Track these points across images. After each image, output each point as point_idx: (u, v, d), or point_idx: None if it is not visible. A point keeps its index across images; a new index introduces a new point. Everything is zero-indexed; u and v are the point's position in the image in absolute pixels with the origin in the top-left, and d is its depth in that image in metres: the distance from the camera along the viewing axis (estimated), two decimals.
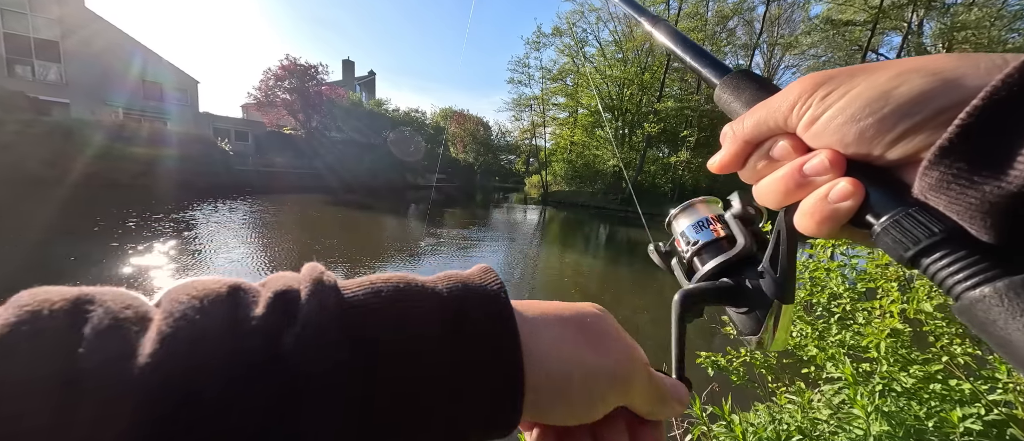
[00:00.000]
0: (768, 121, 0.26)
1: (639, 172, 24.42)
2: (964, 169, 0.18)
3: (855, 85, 0.22)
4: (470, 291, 0.23)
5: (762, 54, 29.48)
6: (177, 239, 8.74)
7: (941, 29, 20.01)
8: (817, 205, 0.23)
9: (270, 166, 23.64)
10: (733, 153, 0.28)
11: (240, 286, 0.20)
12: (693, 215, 0.36)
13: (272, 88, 26.20)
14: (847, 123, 0.22)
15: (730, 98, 0.32)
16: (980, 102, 0.17)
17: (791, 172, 0.24)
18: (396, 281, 0.22)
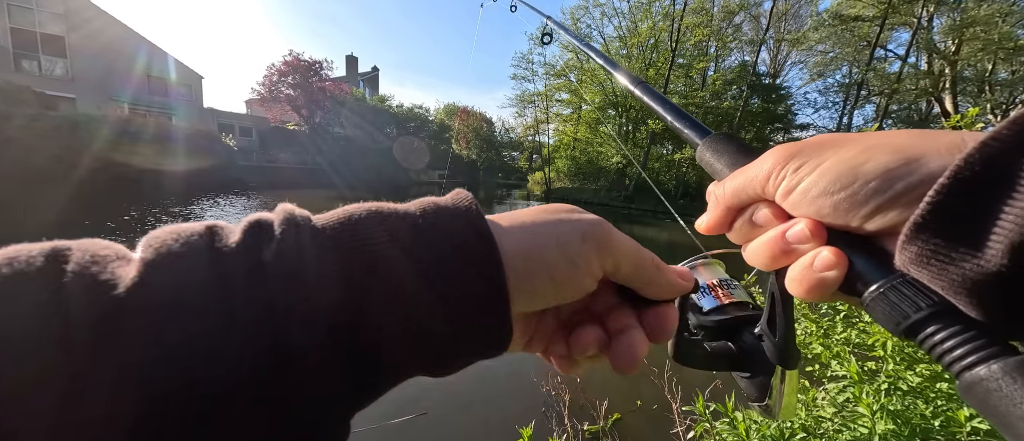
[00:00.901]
0: (747, 189, 0.27)
1: (643, 168, 24.31)
2: (941, 245, 0.18)
3: (824, 159, 0.23)
4: (441, 206, 0.24)
5: (768, 50, 29.19)
6: None
7: (951, 25, 19.71)
8: (804, 273, 0.23)
9: (274, 162, 23.73)
10: (718, 217, 0.29)
11: (217, 223, 0.21)
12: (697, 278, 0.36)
13: (276, 84, 26.24)
14: (821, 196, 0.23)
15: (712, 159, 0.33)
16: (946, 181, 0.18)
17: (775, 238, 0.25)
18: (368, 206, 0.23)
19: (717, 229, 0.30)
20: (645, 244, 0.28)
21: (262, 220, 0.21)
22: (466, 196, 0.25)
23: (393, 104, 33.41)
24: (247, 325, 0.17)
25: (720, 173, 0.32)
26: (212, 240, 0.19)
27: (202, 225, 0.20)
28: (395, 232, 0.21)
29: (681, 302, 0.36)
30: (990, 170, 0.17)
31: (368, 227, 0.21)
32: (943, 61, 20.81)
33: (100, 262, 0.17)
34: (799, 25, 27.40)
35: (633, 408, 3.16)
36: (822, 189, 0.23)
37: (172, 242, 0.18)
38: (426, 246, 0.21)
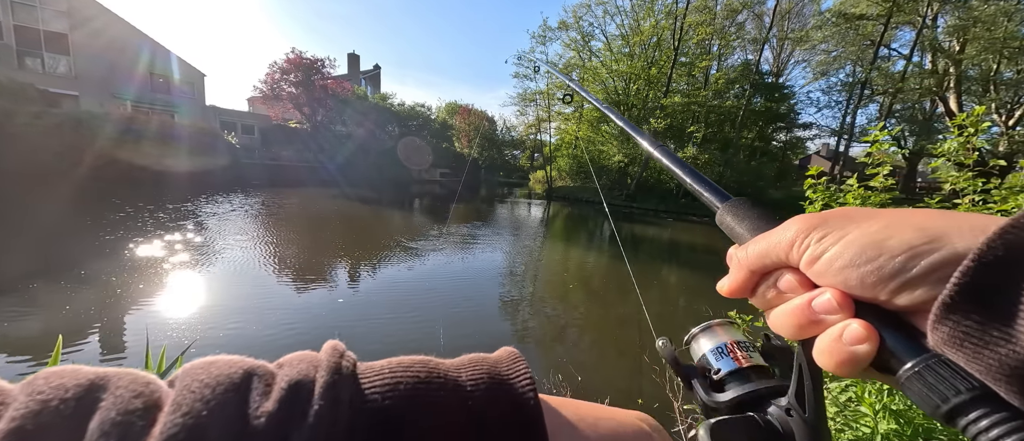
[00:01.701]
0: (771, 254, 0.27)
1: (644, 168, 24.26)
2: (973, 328, 0.18)
3: (848, 231, 0.23)
4: (496, 389, 0.23)
5: (771, 49, 29.11)
6: (185, 231, 8.84)
7: (955, 23, 19.59)
8: (833, 345, 0.23)
9: (276, 160, 23.79)
10: (741, 281, 0.29)
11: (255, 372, 0.20)
12: (713, 339, 0.35)
13: (278, 82, 26.29)
14: (848, 267, 0.23)
15: (733, 223, 0.33)
16: (971, 263, 0.18)
17: (801, 307, 0.25)
18: (417, 370, 0.22)
19: (739, 292, 0.29)
20: (647, 243, 0.29)
21: (302, 383, 0.20)
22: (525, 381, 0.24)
23: (395, 102, 33.42)
24: None
25: (741, 237, 0.32)
26: (245, 406, 0.19)
27: (240, 372, 0.20)
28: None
29: (687, 373, 0.35)
30: (1013, 255, 0.17)
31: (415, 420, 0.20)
32: (947, 60, 20.70)
33: (125, 421, 0.17)
34: (802, 24, 27.29)
35: (635, 406, 3.17)
36: (848, 260, 0.23)
37: (201, 407, 0.18)
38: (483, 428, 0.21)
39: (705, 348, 0.35)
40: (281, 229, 10.10)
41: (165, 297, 5.08)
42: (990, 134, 19.08)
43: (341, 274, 6.79)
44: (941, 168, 2.12)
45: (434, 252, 8.76)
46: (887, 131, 2.05)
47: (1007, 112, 20.06)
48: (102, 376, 0.19)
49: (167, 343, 1.83)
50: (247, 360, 0.21)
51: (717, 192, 0.38)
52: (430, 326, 4.84)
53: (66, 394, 0.17)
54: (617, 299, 6.88)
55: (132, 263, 6.29)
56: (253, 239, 8.66)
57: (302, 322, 4.67)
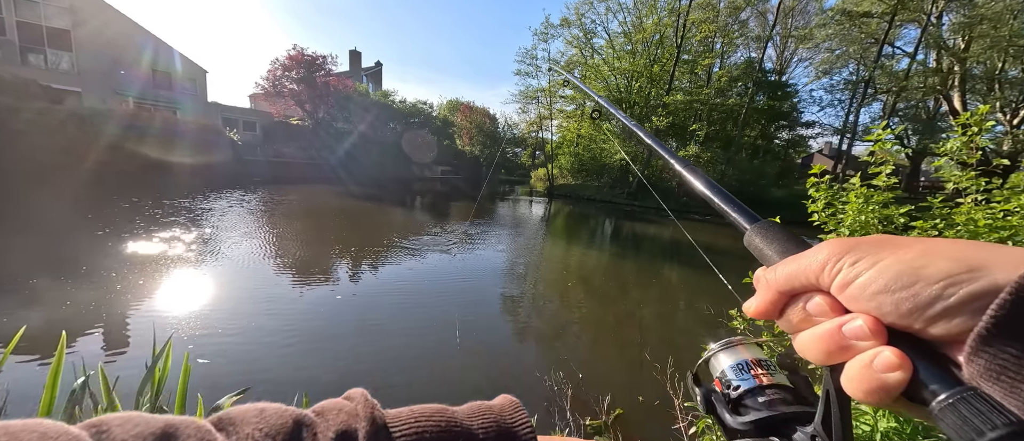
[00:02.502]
0: (800, 276, 0.26)
1: (646, 166, 24.21)
2: (1010, 361, 0.18)
3: (882, 257, 0.23)
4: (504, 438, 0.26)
5: (775, 46, 28.94)
6: (189, 226, 8.87)
7: (960, 21, 19.44)
8: (863, 373, 0.22)
9: (278, 156, 23.82)
10: (769, 301, 0.28)
11: (303, 422, 0.23)
12: (733, 355, 0.35)
13: (280, 78, 26.30)
14: (882, 293, 0.22)
15: (761, 245, 0.33)
16: (1008, 296, 0.18)
17: (831, 332, 0.24)
18: (438, 420, 0.25)
19: (766, 313, 0.29)
20: (648, 242, 0.29)
21: (347, 434, 0.23)
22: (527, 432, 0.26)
23: (396, 99, 33.39)
24: None
25: (769, 259, 0.32)
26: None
27: (290, 421, 0.22)
28: None
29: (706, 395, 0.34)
30: None
31: None
32: (952, 58, 20.55)
33: None
34: (806, 21, 27.12)
35: (635, 404, 3.18)
36: (882, 286, 0.22)
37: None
38: None
39: (725, 364, 0.34)
40: (286, 226, 10.13)
41: (170, 293, 5.11)
42: (994, 133, 18.94)
43: (347, 270, 6.82)
44: (944, 167, 2.11)
45: (443, 249, 8.78)
46: (890, 130, 2.05)
47: (1012, 111, 19.92)
48: (172, 424, 0.20)
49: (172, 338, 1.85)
50: (292, 409, 0.23)
51: (746, 213, 0.38)
52: (446, 324, 4.86)
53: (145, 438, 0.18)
54: (618, 296, 6.88)
55: (135, 259, 6.33)
56: (259, 234, 8.69)
57: (317, 318, 4.69)
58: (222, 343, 3.90)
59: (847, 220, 2.00)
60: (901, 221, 1.91)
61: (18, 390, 2.92)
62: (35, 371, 3.18)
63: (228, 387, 1.62)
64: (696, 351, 2.46)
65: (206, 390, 1.61)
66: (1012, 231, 1.57)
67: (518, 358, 4.31)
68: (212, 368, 3.42)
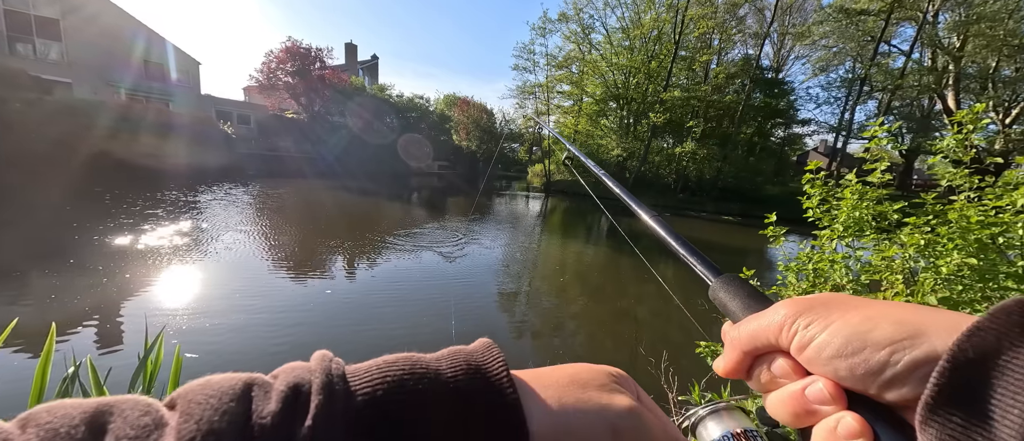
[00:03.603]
0: (761, 336, 0.27)
1: (643, 162, 24.23)
2: (958, 429, 0.18)
3: (832, 319, 0.24)
4: (474, 374, 0.25)
5: (772, 44, 28.95)
6: (182, 220, 8.79)
7: (957, 20, 19.52)
8: (828, 438, 0.22)
9: (273, 150, 23.62)
10: (735, 361, 0.29)
11: (254, 382, 0.22)
12: (719, 423, 0.35)
13: (274, 71, 26.00)
14: (836, 357, 0.23)
15: (725, 299, 0.34)
16: (946, 364, 0.19)
17: (795, 395, 0.24)
18: (402, 364, 0.24)
19: (735, 373, 0.29)
20: (645, 237, 0.28)
21: (300, 385, 0.22)
22: (499, 365, 0.25)
23: (393, 93, 33.12)
24: None
25: (734, 314, 0.32)
26: (249, 406, 0.20)
27: (240, 383, 0.21)
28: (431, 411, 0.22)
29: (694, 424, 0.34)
30: (982, 356, 0.18)
31: (404, 409, 0.22)
32: (947, 57, 20.66)
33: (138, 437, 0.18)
34: (804, 18, 27.13)
35: None
36: (836, 350, 0.23)
37: (210, 414, 0.19)
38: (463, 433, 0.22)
39: (714, 434, 0.34)
40: (280, 220, 10.07)
41: (163, 286, 5.07)
42: (987, 132, 19.12)
43: (341, 265, 6.79)
44: (938, 165, 2.12)
45: (439, 245, 8.77)
46: (886, 127, 2.06)
47: (1004, 110, 20.09)
48: (105, 403, 0.19)
49: (164, 330, 1.83)
50: (242, 374, 0.22)
51: (709, 266, 0.38)
52: (441, 318, 4.86)
53: (74, 421, 0.18)
54: (614, 292, 6.92)
55: (126, 252, 6.27)
56: (252, 227, 8.63)
57: (310, 312, 4.67)
58: (214, 337, 3.88)
59: (841, 216, 2.01)
60: (895, 217, 1.93)
61: (7, 382, 2.89)
62: (25, 363, 3.15)
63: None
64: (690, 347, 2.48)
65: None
66: (1003, 227, 1.58)
67: (515, 353, 4.32)
68: (203, 362, 3.40)
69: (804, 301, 0.25)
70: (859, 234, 1.96)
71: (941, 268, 1.58)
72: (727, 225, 17.07)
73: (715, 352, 2.23)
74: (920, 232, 1.77)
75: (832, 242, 2.04)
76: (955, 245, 1.62)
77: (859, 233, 1.95)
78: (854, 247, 2.00)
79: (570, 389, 0.27)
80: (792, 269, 2.24)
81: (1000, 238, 1.61)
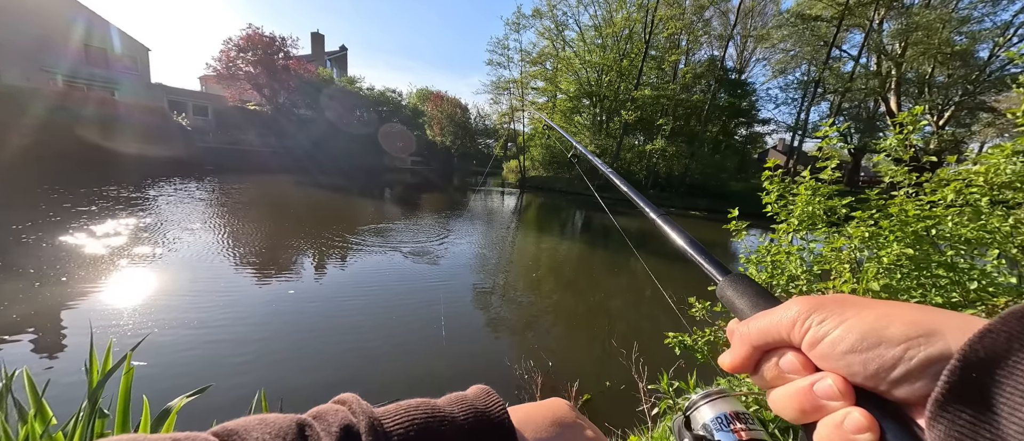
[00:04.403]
0: (773, 331, 0.27)
1: (615, 159, 24.75)
2: (966, 427, 0.18)
3: (846, 317, 0.24)
4: (481, 417, 0.30)
5: (735, 46, 30.17)
6: (132, 219, 8.18)
7: (899, 28, 21.09)
8: (834, 432, 0.23)
9: (234, 143, 22.38)
10: (744, 356, 0.29)
11: (305, 423, 0.25)
12: (713, 407, 0.36)
13: (234, 60, 24.55)
14: (850, 352, 0.23)
15: (733, 297, 0.34)
16: (957, 363, 0.19)
17: (803, 390, 0.25)
18: (423, 410, 0.29)
19: (741, 368, 0.30)
20: (616, 233, 0.33)
21: (350, 428, 0.26)
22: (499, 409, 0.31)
23: (364, 86, 32.09)
24: None
25: (741, 312, 0.33)
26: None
27: (294, 423, 0.25)
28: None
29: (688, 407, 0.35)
30: (993, 356, 0.19)
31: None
32: (890, 62, 22.33)
33: None
34: (764, 22, 28.45)
35: (603, 389, 3.29)
36: (850, 345, 0.23)
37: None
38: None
39: (707, 417, 0.35)
40: (242, 217, 9.56)
41: (110, 290, 4.71)
42: (924, 133, 20.88)
43: (308, 264, 6.54)
44: (882, 163, 2.29)
45: (413, 242, 8.61)
46: (836, 127, 2.20)
47: (938, 113, 21.98)
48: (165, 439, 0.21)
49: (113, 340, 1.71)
50: (292, 415, 0.25)
51: (717, 265, 0.39)
52: (424, 317, 4.78)
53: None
54: (587, 286, 7.05)
55: (70, 254, 5.77)
56: (209, 228, 8.15)
57: (271, 315, 4.47)
58: (170, 343, 3.66)
59: (796, 211, 2.14)
60: (843, 211, 2.07)
61: None
62: None
63: (178, 389, 1.52)
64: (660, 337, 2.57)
65: (156, 394, 1.51)
66: (936, 220, 1.73)
67: (490, 348, 4.33)
68: (157, 370, 3.20)
69: (818, 299, 0.26)
70: (812, 227, 2.09)
71: (883, 258, 1.71)
72: (695, 220, 17.76)
73: (683, 343, 2.33)
74: (865, 225, 1.90)
75: (788, 235, 2.16)
76: (895, 237, 1.75)
77: (812, 226, 2.08)
78: (808, 240, 2.13)
79: (548, 425, 0.33)
80: (753, 261, 2.36)
81: (933, 230, 1.76)
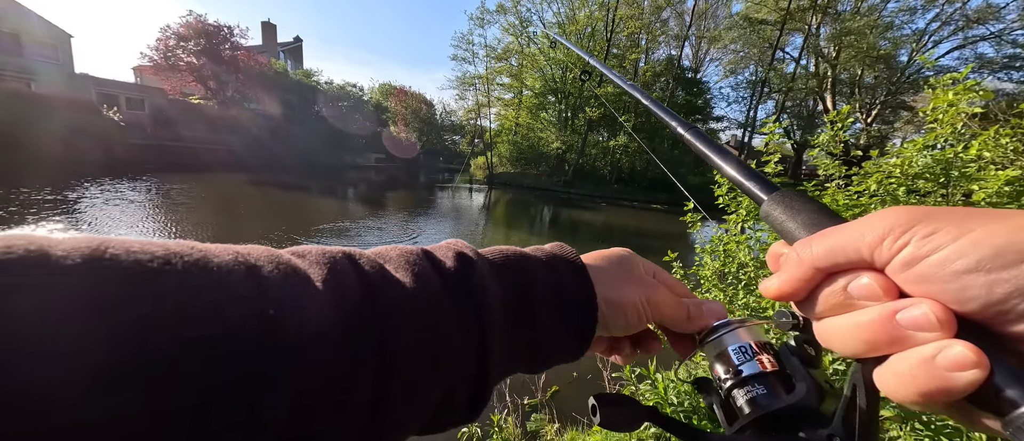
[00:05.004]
0: (846, 250, 0.22)
1: (581, 155, 25.26)
2: None
3: (969, 228, 0.19)
4: (557, 251, 0.35)
5: (691, 46, 31.62)
6: (50, 224, 7.35)
7: (833, 33, 23.02)
8: (921, 368, 0.19)
9: (177, 140, 20.65)
10: (801, 279, 0.24)
11: (427, 250, 0.30)
12: (734, 339, 0.31)
13: (173, 49, 22.59)
14: (971, 272, 0.18)
15: (783, 216, 0.29)
16: None
17: (881, 318, 0.20)
18: (504, 249, 0.33)
19: (793, 294, 0.25)
20: (584, 226, 0.35)
21: (464, 255, 0.30)
22: (569, 250, 0.35)
23: (322, 80, 30.61)
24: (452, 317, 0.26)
25: (792, 233, 0.28)
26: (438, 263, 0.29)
27: (420, 250, 0.30)
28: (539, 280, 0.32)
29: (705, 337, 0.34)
30: None
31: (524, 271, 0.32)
32: (826, 64, 24.35)
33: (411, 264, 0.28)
34: (717, 24, 30.02)
35: (570, 380, 3.36)
36: (974, 263, 0.18)
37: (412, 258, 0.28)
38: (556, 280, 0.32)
39: (728, 344, 0.31)
40: (184, 221, 8.85)
41: None
42: (854, 129, 23.01)
43: None
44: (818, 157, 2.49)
45: (381, 240, 8.34)
46: (779, 124, 2.37)
47: (866, 111, 24.25)
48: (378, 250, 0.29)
49: None
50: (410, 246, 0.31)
51: (762, 182, 0.34)
52: None
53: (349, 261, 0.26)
54: None
55: None
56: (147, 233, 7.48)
57: None
58: None
59: (744, 202, 2.28)
60: None
61: None
62: None
63: None
64: None
65: None
66: (862, 208, 1.92)
67: None
68: None
69: (920, 209, 0.21)
70: (759, 217, 2.25)
71: None
72: (656, 213, 18.52)
73: None
74: None
75: (737, 225, 2.31)
76: None
77: (758, 217, 2.24)
78: (755, 229, 2.28)
79: (607, 257, 0.36)
80: (707, 251, 2.50)
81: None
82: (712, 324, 0.33)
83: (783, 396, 0.27)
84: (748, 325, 0.32)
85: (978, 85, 1.61)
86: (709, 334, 0.33)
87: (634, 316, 0.34)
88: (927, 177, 1.68)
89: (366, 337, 0.22)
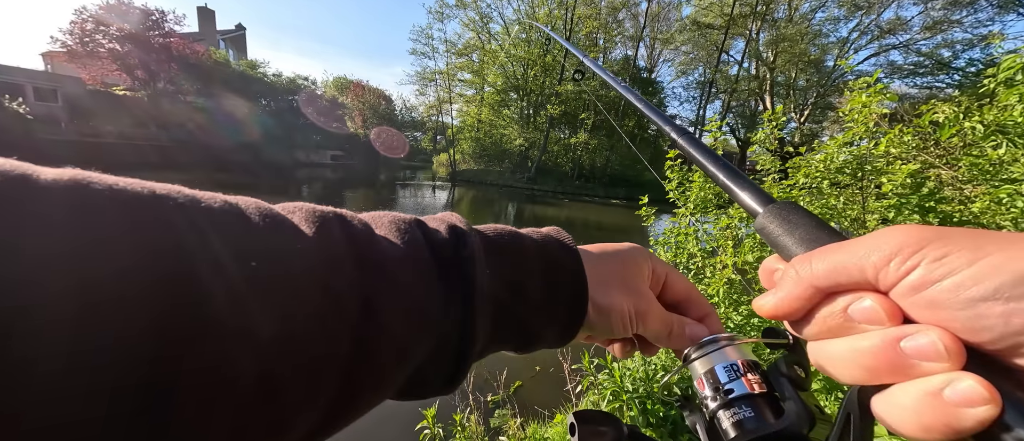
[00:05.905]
0: (850, 269, 0.21)
1: (543, 152, 25.60)
2: None
3: (985, 252, 0.17)
4: (551, 234, 0.34)
5: (646, 46, 32.98)
6: None
7: (771, 39, 24.97)
8: (926, 402, 0.17)
9: (96, 135, 18.51)
10: (799, 298, 0.23)
11: (418, 219, 0.30)
12: (721, 357, 0.30)
13: (91, 34, 20.18)
14: (986, 301, 0.17)
15: (779, 230, 0.28)
16: None
17: (884, 346, 0.19)
18: (503, 230, 0.33)
19: (789, 313, 0.23)
20: (546, 221, 0.37)
21: (457, 227, 0.30)
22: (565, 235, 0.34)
23: (269, 72, 28.66)
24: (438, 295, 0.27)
25: (788, 248, 0.27)
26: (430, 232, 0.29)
27: (412, 217, 0.30)
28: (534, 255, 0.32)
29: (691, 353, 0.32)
30: None
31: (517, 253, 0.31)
32: (765, 68, 26.39)
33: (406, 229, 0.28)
34: (669, 27, 31.51)
35: (532, 373, 3.41)
36: (991, 290, 0.17)
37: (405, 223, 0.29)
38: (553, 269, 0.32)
39: (715, 362, 0.30)
40: None
41: None
42: (789, 128, 25.16)
43: None
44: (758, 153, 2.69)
45: None
46: (724, 122, 2.54)
47: (800, 111, 26.58)
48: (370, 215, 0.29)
49: None
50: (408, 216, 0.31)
51: (757, 193, 0.32)
52: None
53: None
54: None
55: None
56: None
57: None
58: None
59: (693, 195, 2.42)
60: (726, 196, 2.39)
61: None
62: None
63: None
64: None
65: None
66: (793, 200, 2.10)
67: None
68: None
69: (933, 229, 0.19)
70: (705, 211, 2.39)
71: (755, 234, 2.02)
72: (615, 208, 19.19)
73: None
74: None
75: (686, 218, 2.45)
76: None
77: (705, 210, 2.38)
78: (702, 221, 2.43)
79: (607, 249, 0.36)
80: (661, 243, 2.63)
81: None
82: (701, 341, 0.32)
83: (771, 421, 0.26)
84: (737, 343, 0.30)
85: (886, 88, 1.80)
86: (696, 350, 0.31)
87: (619, 325, 0.33)
88: (846, 171, 1.87)
89: (348, 290, 0.22)
